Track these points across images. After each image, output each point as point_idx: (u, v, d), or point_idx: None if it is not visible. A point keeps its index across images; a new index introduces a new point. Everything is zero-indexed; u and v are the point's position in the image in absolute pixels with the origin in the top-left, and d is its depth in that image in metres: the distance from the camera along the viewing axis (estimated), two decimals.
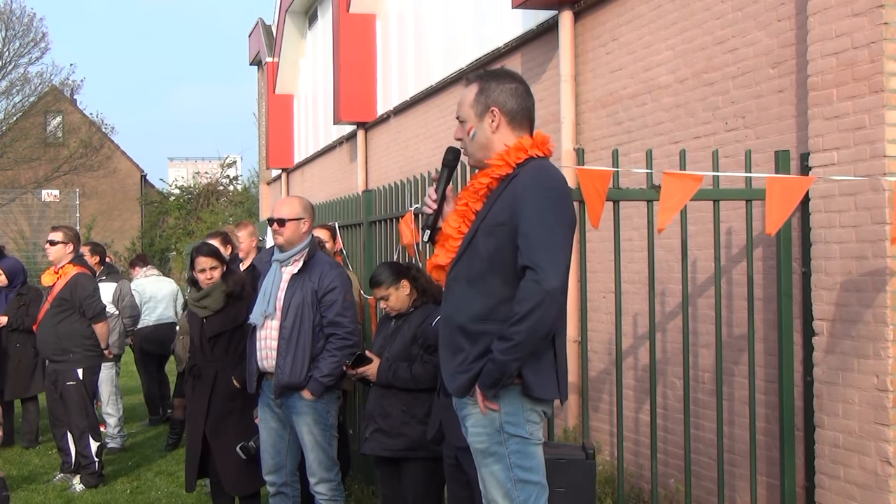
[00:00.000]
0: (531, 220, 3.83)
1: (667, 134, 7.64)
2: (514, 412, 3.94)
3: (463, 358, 3.93)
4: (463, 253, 4.01)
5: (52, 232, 8.94)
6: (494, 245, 3.91)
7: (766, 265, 6.40)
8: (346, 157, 17.70)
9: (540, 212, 3.85)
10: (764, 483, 6.37)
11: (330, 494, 6.33)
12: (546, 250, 3.80)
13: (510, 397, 3.93)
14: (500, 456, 3.96)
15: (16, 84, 37.82)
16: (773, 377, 6.16)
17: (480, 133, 4.07)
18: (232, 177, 38.98)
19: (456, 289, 4.01)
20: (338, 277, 6.31)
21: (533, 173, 3.95)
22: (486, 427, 3.96)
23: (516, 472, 3.96)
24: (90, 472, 8.75)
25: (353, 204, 8.33)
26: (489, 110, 4.05)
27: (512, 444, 3.95)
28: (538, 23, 9.76)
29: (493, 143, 4.05)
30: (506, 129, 4.06)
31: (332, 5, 16.89)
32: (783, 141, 6.32)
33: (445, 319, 4.03)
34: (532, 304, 3.74)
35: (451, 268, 4.06)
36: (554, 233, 3.84)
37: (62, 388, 8.67)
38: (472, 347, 3.91)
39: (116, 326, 10.27)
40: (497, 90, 4.06)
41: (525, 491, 3.96)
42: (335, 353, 6.18)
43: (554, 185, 3.94)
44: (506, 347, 3.78)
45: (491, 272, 3.91)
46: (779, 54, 6.44)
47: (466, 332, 3.93)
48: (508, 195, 3.93)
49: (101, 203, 38.82)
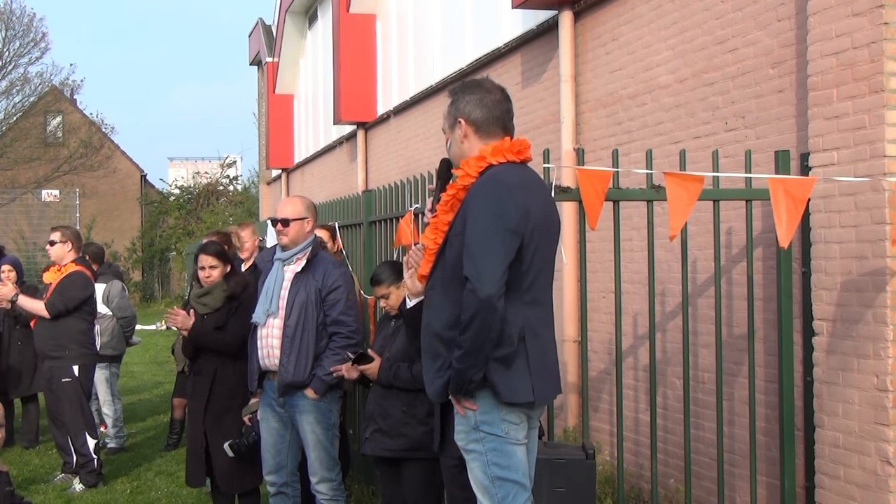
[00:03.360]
0: (471, 230, 3.93)
1: (667, 134, 7.64)
2: (488, 412, 4.05)
3: (441, 363, 4.06)
4: (437, 263, 4.14)
5: (52, 232, 8.98)
6: (455, 254, 4.02)
7: (766, 265, 6.40)
8: (346, 157, 17.70)
9: (479, 220, 3.94)
10: (764, 483, 6.37)
11: (331, 494, 6.34)
12: (481, 259, 3.88)
13: (484, 399, 4.04)
14: (477, 453, 4.09)
15: (16, 84, 37.79)
16: (773, 377, 6.16)
17: (454, 144, 4.24)
18: (232, 177, 38.97)
19: (433, 297, 4.15)
20: (341, 276, 6.35)
21: (482, 181, 4.05)
22: (464, 426, 4.11)
23: (493, 470, 4.06)
24: (89, 470, 8.75)
25: (353, 204, 8.33)
26: (457, 121, 4.19)
27: (488, 442, 4.06)
28: (538, 23, 9.76)
29: (465, 152, 4.18)
30: (473, 138, 4.17)
31: (332, 5, 16.89)
32: (783, 141, 6.33)
33: (425, 326, 4.17)
34: (471, 313, 3.86)
35: (428, 277, 4.19)
36: (491, 240, 3.91)
37: (57, 385, 8.67)
38: (448, 353, 4.03)
39: (109, 327, 10.24)
40: (463, 101, 4.20)
41: (503, 488, 4.06)
42: (339, 351, 6.20)
43: (495, 192, 3.99)
44: (458, 356, 3.93)
45: (454, 280, 4.01)
46: (779, 54, 6.44)
47: (441, 338, 4.06)
48: (464, 205, 4.04)
49: (100, 203, 38.79)
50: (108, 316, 10.22)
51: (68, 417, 8.70)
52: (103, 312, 10.12)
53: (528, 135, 9.84)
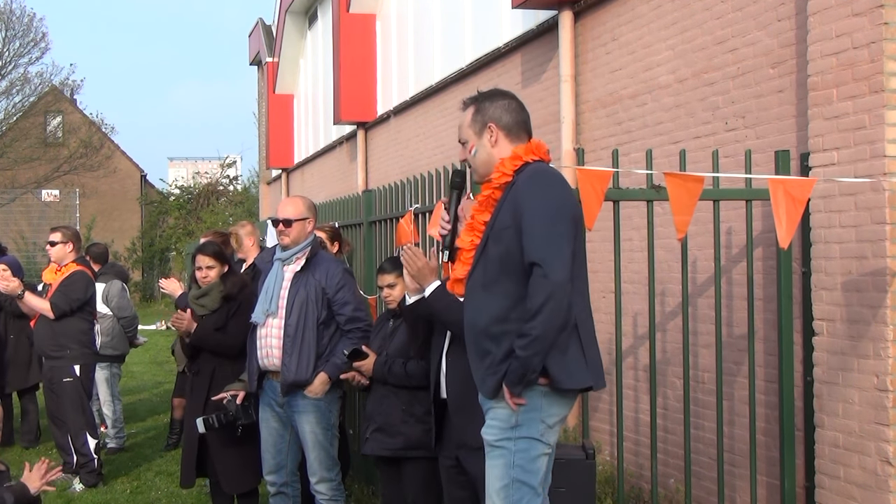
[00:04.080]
0: (533, 218, 3.99)
1: (667, 134, 7.64)
2: (530, 412, 4.04)
3: (490, 360, 4.06)
4: (477, 262, 4.17)
5: (52, 233, 8.98)
6: (503, 249, 4.06)
7: (766, 265, 6.40)
8: (346, 157, 17.70)
9: (540, 209, 4.01)
10: (764, 483, 6.37)
11: (330, 494, 6.34)
12: (549, 245, 3.95)
13: (531, 397, 4.03)
14: (505, 451, 4.07)
15: (16, 84, 37.77)
16: (773, 377, 6.16)
17: (481, 150, 4.28)
18: (232, 177, 38.96)
19: (473, 296, 4.17)
20: (344, 275, 6.37)
21: (530, 175, 4.13)
22: (500, 422, 4.08)
23: (516, 471, 4.05)
24: (89, 470, 8.75)
25: (353, 204, 8.33)
26: (486, 127, 4.26)
27: (521, 443, 4.05)
28: (538, 23, 9.76)
29: (494, 157, 4.25)
30: (504, 142, 4.25)
31: (332, 5, 16.89)
32: (783, 141, 6.33)
33: (469, 327, 4.18)
34: (543, 298, 3.88)
35: (468, 278, 4.22)
36: (556, 226, 3.99)
37: (58, 384, 8.67)
38: (498, 349, 4.03)
39: (109, 327, 10.25)
40: (492, 107, 4.28)
41: (519, 492, 4.06)
42: (358, 343, 6.18)
43: (552, 182, 4.11)
44: (525, 343, 3.90)
45: (503, 274, 4.06)
46: (779, 54, 6.44)
47: (489, 334, 4.07)
48: (511, 200, 4.09)
49: (100, 203, 38.78)
50: (108, 316, 10.22)
51: (69, 417, 8.70)
52: (104, 312, 10.12)
53: None
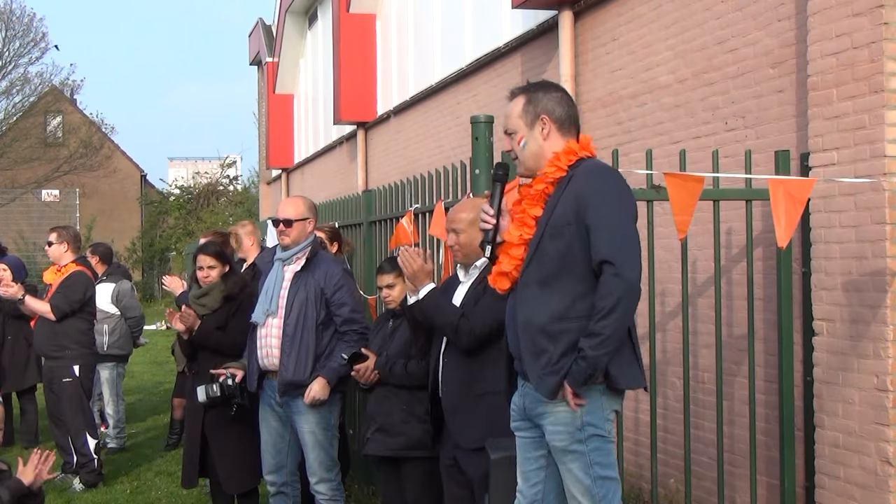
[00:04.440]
0: (601, 217, 3.93)
1: (667, 134, 7.63)
2: (594, 411, 4.02)
3: (547, 359, 3.98)
4: (531, 258, 4.07)
5: (50, 233, 9.00)
6: (563, 245, 3.98)
7: (766, 265, 6.40)
8: (346, 157, 17.69)
9: (608, 207, 3.96)
10: (764, 483, 6.37)
11: (330, 494, 6.34)
12: (621, 244, 3.91)
13: (592, 396, 4.00)
14: (580, 454, 4.03)
15: (16, 84, 37.80)
16: (773, 377, 6.16)
17: (532, 142, 4.16)
18: (232, 177, 38.98)
19: (528, 293, 4.06)
20: (344, 275, 6.36)
21: (590, 172, 4.06)
22: (566, 426, 4.02)
23: (595, 470, 4.03)
24: (89, 470, 8.75)
25: (354, 204, 8.33)
26: (539, 118, 4.15)
27: (592, 442, 4.02)
28: (538, 23, 9.76)
29: (545, 150, 4.14)
30: (556, 135, 4.15)
31: (332, 5, 16.89)
32: (783, 141, 6.32)
33: (523, 324, 4.06)
34: (616, 298, 3.84)
35: (521, 274, 4.11)
36: (624, 226, 3.96)
37: (57, 385, 8.68)
38: (555, 347, 3.96)
39: (117, 327, 10.28)
40: (545, 99, 4.18)
41: (604, 487, 4.04)
42: (354, 345, 6.18)
43: (615, 180, 4.06)
44: (596, 343, 3.85)
45: (563, 271, 3.99)
46: (779, 54, 6.44)
47: (547, 332, 3.99)
48: (569, 196, 4.00)
49: (101, 203, 38.81)
50: (115, 316, 10.26)
51: (69, 417, 8.70)
52: (112, 312, 10.19)
53: None
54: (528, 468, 4.25)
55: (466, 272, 5.19)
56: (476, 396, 4.99)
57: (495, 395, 4.96)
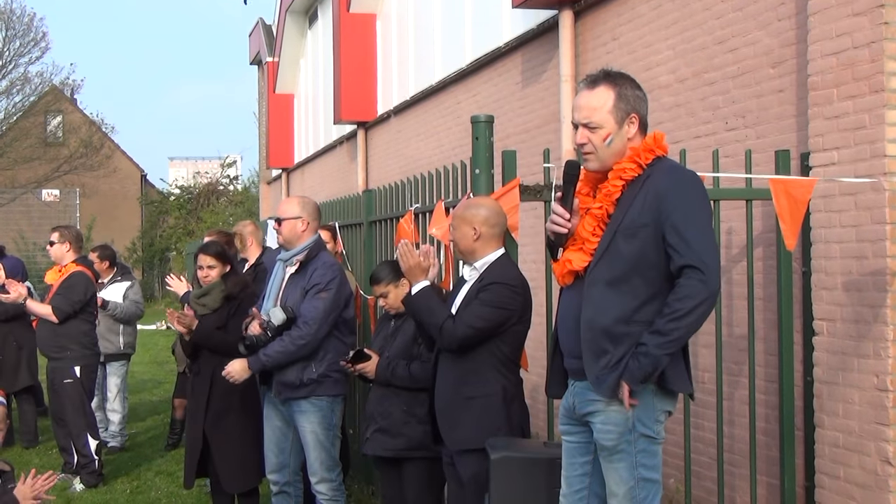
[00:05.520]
0: (686, 221, 3.86)
1: (667, 133, 7.57)
2: (646, 411, 3.96)
3: (608, 360, 3.91)
4: (601, 256, 3.98)
5: (52, 233, 9.00)
6: (637, 246, 3.90)
7: (767, 265, 6.40)
8: (347, 157, 17.70)
9: (693, 211, 3.89)
10: (764, 483, 6.37)
11: (331, 494, 6.34)
12: (707, 250, 3.85)
13: (644, 397, 3.94)
14: (627, 454, 3.98)
15: (16, 84, 37.78)
16: (774, 377, 6.16)
17: (618, 140, 4.02)
18: (232, 176, 38.97)
19: (595, 292, 3.96)
20: (325, 275, 6.20)
21: (670, 172, 3.97)
22: (617, 426, 3.96)
23: (640, 471, 3.99)
24: (90, 471, 8.76)
25: (354, 204, 8.33)
26: (629, 117, 4.02)
27: (640, 443, 3.97)
28: (538, 22, 9.76)
29: (625, 149, 4.03)
30: (638, 136, 4.05)
31: (333, 5, 16.90)
32: (783, 141, 6.32)
33: (586, 323, 3.97)
34: (697, 302, 3.79)
35: (587, 271, 4.01)
36: (708, 233, 3.92)
37: (59, 386, 8.69)
38: (616, 349, 3.90)
39: (131, 326, 10.41)
40: (634, 97, 4.04)
41: (646, 489, 4.00)
42: (287, 343, 6.10)
43: (697, 184, 3.99)
44: (662, 342, 3.81)
45: (634, 273, 3.91)
46: (779, 54, 6.44)
47: (610, 334, 3.91)
48: (647, 196, 3.91)
49: (101, 203, 38.77)
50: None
51: (70, 418, 8.71)
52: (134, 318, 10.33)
53: (529, 134, 9.84)
54: (572, 473, 4.21)
55: (470, 271, 5.17)
56: (465, 399, 4.96)
57: (486, 399, 4.96)
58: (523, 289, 5.04)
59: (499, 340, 4.95)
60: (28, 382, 10.52)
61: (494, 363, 4.96)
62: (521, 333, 5.08)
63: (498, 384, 4.96)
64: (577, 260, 4.05)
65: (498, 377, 4.97)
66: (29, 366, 10.48)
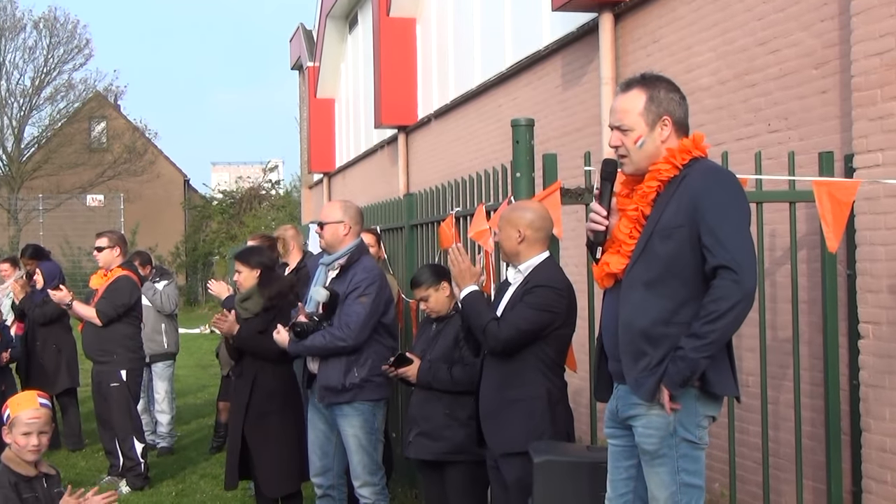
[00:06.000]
0: (720, 221, 3.83)
1: (709, 136, 7.54)
2: (688, 416, 3.94)
3: (647, 363, 3.90)
4: (638, 258, 3.98)
5: (98, 238, 9.05)
6: (673, 247, 3.89)
7: (811, 268, 6.35)
8: (388, 161, 17.75)
9: (727, 211, 3.86)
10: (810, 487, 6.32)
11: (373, 498, 6.36)
12: (742, 250, 3.82)
13: (686, 401, 3.91)
14: (668, 459, 3.96)
15: (60, 90, 38.35)
16: (819, 381, 6.11)
17: (650, 143, 4.02)
18: (274, 181, 39.21)
19: (633, 294, 3.96)
20: (365, 280, 6.23)
21: (706, 173, 3.95)
22: (658, 430, 3.95)
23: (682, 476, 3.96)
24: (136, 473, 8.83)
25: (395, 207, 8.35)
26: (661, 119, 4.01)
27: (682, 448, 3.95)
28: (578, 25, 9.75)
29: (661, 152, 4.01)
30: (672, 138, 4.02)
31: (373, 9, 16.96)
32: (827, 142, 6.28)
33: (625, 325, 3.97)
34: (731, 303, 3.77)
35: (625, 273, 4.01)
36: (742, 232, 3.87)
37: (106, 389, 8.77)
38: (655, 351, 3.88)
39: (174, 326, 10.57)
40: (667, 99, 4.03)
41: (688, 494, 3.98)
42: (328, 341, 6.15)
43: (732, 184, 3.96)
44: (699, 345, 3.78)
45: (670, 275, 3.90)
46: (822, 55, 6.39)
47: (648, 336, 3.90)
48: (682, 196, 3.90)
49: (145, 208, 39.15)
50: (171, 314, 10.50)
51: (116, 421, 8.79)
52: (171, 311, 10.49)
53: (569, 137, 9.82)
54: (617, 477, 4.19)
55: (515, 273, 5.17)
56: (509, 402, 4.98)
57: (530, 402, 4.96)
58: (568, 292, 5.04)
59: (543, 343, 4.96)
60: (67, 385, 10.63)
61: (539, 366, 4.97)
62: (565, 336, 5.08)
63: (542, 387, 4.96)
64: (614, 262, 4.05)
65: (543, 380, 4.97)
66: (69, 368, 10.58)
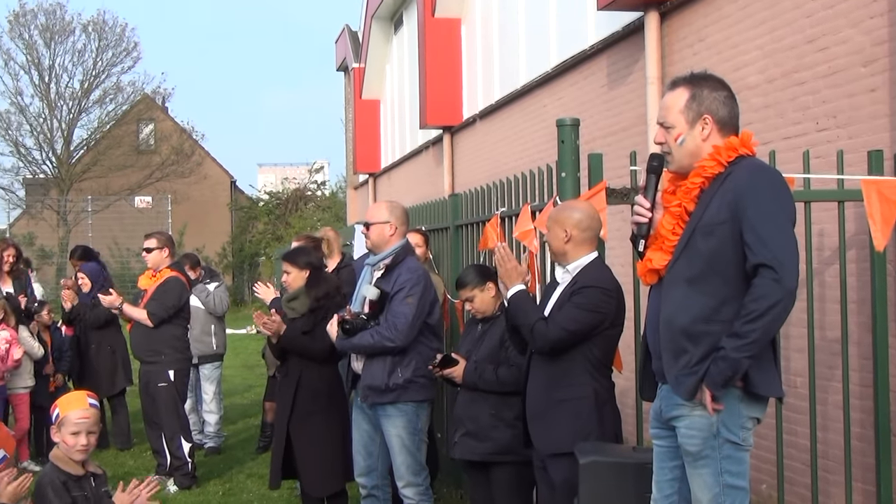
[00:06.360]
0: (762, 218, 3.81)
1: (756, 135, 7.49)
2: (731, 416, 3.91)
3: (687, 360, 3.88)
4: (680, 254, 3.96)
5: (147, 240, 9.13)
6: (715, 244, 3.87)
7: (860, 267, 6.28)
8: (433, 162, 17.77)
9: (770, 209, 3.83)
10: (860, 490, 6.25)
11: (417, 499, 6.37)
12: (783, 248, 3.78)
13: (729, 401, 3.88)
14: (711, 460, 3.93)
15: (109, 93, 38.80)
16: (868, 381, 6.04)
17: (690, 140, 4.02)
18: (320, 182, 39.38)
19: (675, 291, 3.95)
20: (409, 280, 6.23)
21: (751, 170, 3.92)
22: (701, 431, 3.92)
23: (725, 478, 3.94)
24: (183, 472, 8.91)
25: (440, 208, 8.36)
26: (701, 118, 4.01)
27: (725, 449, 3.92)
28: (624, 24, 9.71)
29: (703, 150, 3.99)
30: (716, 136, 4.00)
31: (418, 10, 16.99)
32: (876, 141, 6.20)
33: (666, 322, 3.96)
34: (771, 302, 3.72)
35: (667, 270, 4.01)
36: (785, 231, 3.83)
37: (153, 389, 8.85)
38: (696, 349, 3.86)
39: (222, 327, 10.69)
40: (710, 98, 4.02)
41: (731, 496, 3.95)
42: (375, 341, 6.15)
43: (777, 182, 3.93)
44: (740, 345, 3.74)
45: (712, 272, 3.87)
46: (871, 52, 6.32)
47: (689, 333, 3.88)
48: (726, 193, 3.88)
49: (192, 209, 39.46)
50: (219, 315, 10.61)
51: (164, 421, 8.87)
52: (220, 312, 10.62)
53: (615, 137, 9.79)
54: (663, 478, 4.17)
55: (563, 273, 5.15)
56: (556, 402, 4.97)
57: (577, 402, 4.94)
58: (617, 293, 5.02)
59: (591, 344, 4.94)
60: (125, 385, 10.74)
61: (586, 366, 4.95)
62: (613, 337, 5.06)
63: (590, 387, 4.95)
64: (657, 259, 4.04)
65: (590, 381, 4.95)
66: (125, 368, 10.69)
